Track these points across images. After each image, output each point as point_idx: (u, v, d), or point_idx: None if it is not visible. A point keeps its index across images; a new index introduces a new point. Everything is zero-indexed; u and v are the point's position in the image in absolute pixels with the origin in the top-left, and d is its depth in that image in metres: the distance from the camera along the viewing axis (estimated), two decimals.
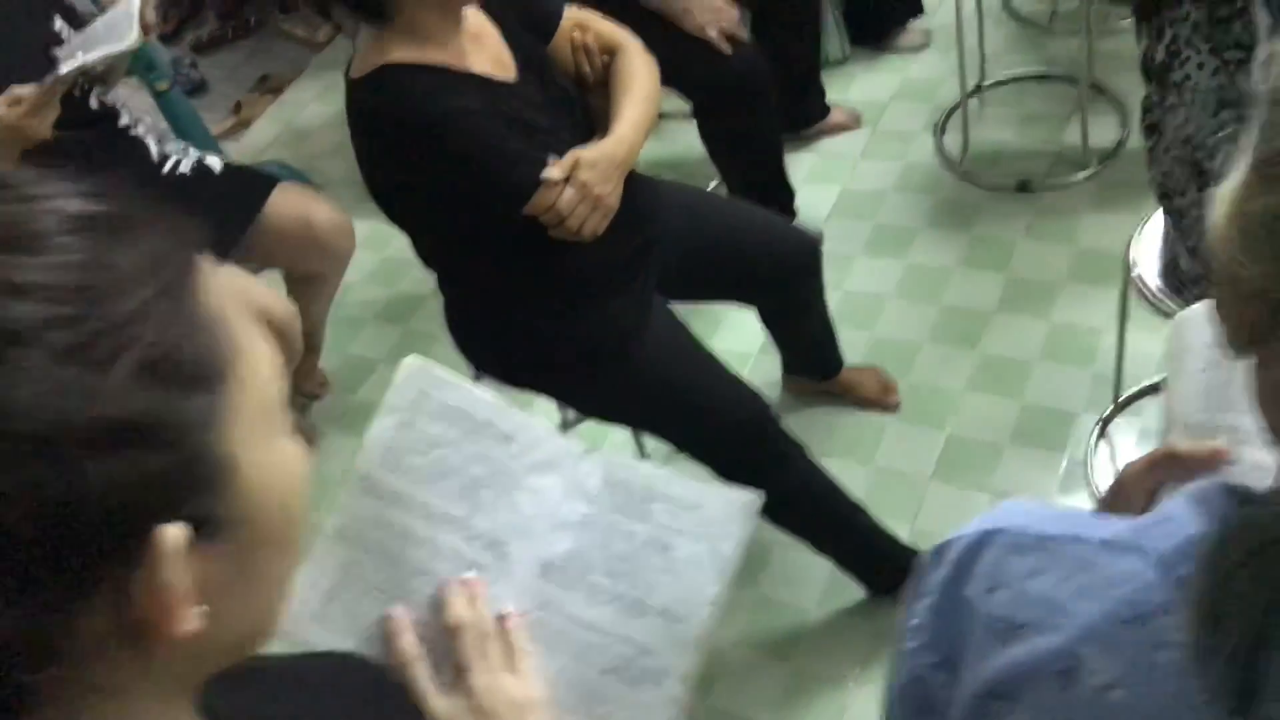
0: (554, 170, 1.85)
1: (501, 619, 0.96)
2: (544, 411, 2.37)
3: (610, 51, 2.09)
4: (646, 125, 2.01)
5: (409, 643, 0.95)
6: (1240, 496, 0.59)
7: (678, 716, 0.94)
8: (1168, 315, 1.93)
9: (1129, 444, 2.43)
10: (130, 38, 2.20)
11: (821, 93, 3.37)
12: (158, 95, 3.43)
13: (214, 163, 2.60)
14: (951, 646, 0.70)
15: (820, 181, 3.29)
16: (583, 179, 1.85)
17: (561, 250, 1.94)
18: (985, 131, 3.25)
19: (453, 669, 0.94)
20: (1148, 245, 2.03)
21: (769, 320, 2.52)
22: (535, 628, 0.97)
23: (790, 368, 2.74)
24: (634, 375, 2.08)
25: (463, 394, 1.02)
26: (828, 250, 3.05)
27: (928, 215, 3.10)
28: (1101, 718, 0.62)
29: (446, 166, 1.82)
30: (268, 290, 2.65)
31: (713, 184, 3.21)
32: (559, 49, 2.09)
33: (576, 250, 1.95)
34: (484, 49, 1.96)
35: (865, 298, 2.92)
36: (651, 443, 2.27)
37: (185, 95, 4.40)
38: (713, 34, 2.75)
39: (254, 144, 4.17)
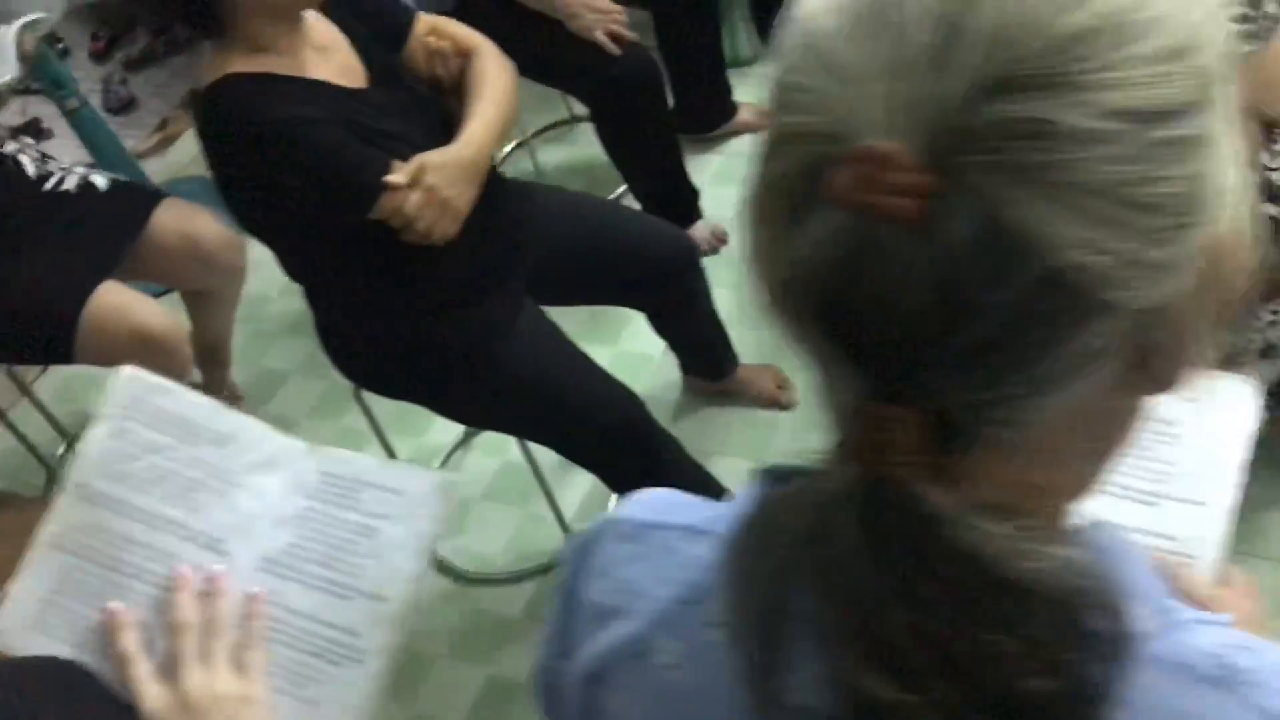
0: (397, 175, 1.85)
1: (248, 608, 1.00)
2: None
3: (465, 55, 2.09)
4: (499, 127, 2.01)
5: (129, 640, 0.98)
6: (775, 475, 0.60)
7: (377, 691, 0.98)
8: None
9: None
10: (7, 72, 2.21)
11: (728, 92, 3.37)
12: (69, 114, 3.42)
13: (99, 180, 2.60)
14: (569, 636, 0.71)
15: (726, 182, 3.28)
16: (429, 182, 1.86)
17: (426, 257, 1.94)
18: None
19: (170, 666, 0.96)
20: None
21: (655, 323, 2.53)
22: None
23: (687, 368, 2.74)
24: (504, 379, 2.09)
25: (177, 399, 1.04)
26: (731, 249, 3.07)
27: None
28: (668, 697, 0.65)
29: (290, 175, 1.82)
30: (148, 306, 2.66)
31: (620, 189, 3.21)
32: (414, 55, 2.09)
33: (442, 256, 1.95)
34: (330, 58, 1.97)
35: None
36: (544, 453, 2.27)
37: (113, 112, 4.43)
38: (599, 36, 2.75)
39: (178, 160, 4.17)
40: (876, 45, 0.50)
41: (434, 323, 2.04)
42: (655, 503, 0.72)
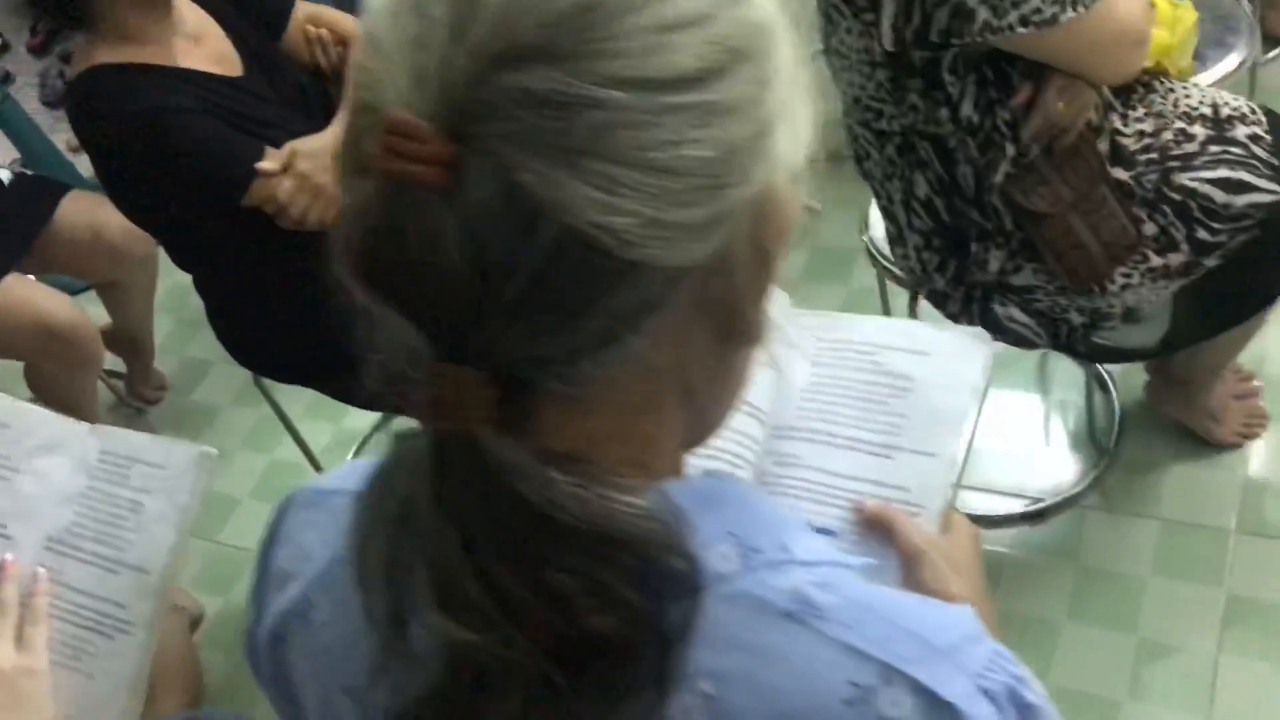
0: (268, 162, 1.87)
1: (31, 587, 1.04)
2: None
3: (344, 42, 2.10)
4: None
5: None
6: (402, 435, 0.62)
7: (146, 660, 1.01)
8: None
9: None
10: None
11: None
12: None
13: (2, 174, 2.62)
14: (259, 601, 0.74)
15: None
16: (301, 169, 1.88)
17: (307, 242, 1.96)
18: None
19: None
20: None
21: None
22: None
23: None
24: None
25: None
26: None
27: None
28: (324, 653, 0.68)
29: (161, 165, 1.84)
30: (53, 298, 2.68)
31: None
32: (294, 43, 2.11)
33: (323, 241, 1.96)
34: (203, 47, 1.98)
35: None
36: None
37: (50, 106, 4.41)
38: None
39: None
40: (405, 21, 0.53)
41: (318, 307, 2.05)
42: (345, 470, 0.75)
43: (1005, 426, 2.40)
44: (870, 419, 0.97)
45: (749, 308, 0.60)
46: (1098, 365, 2.37)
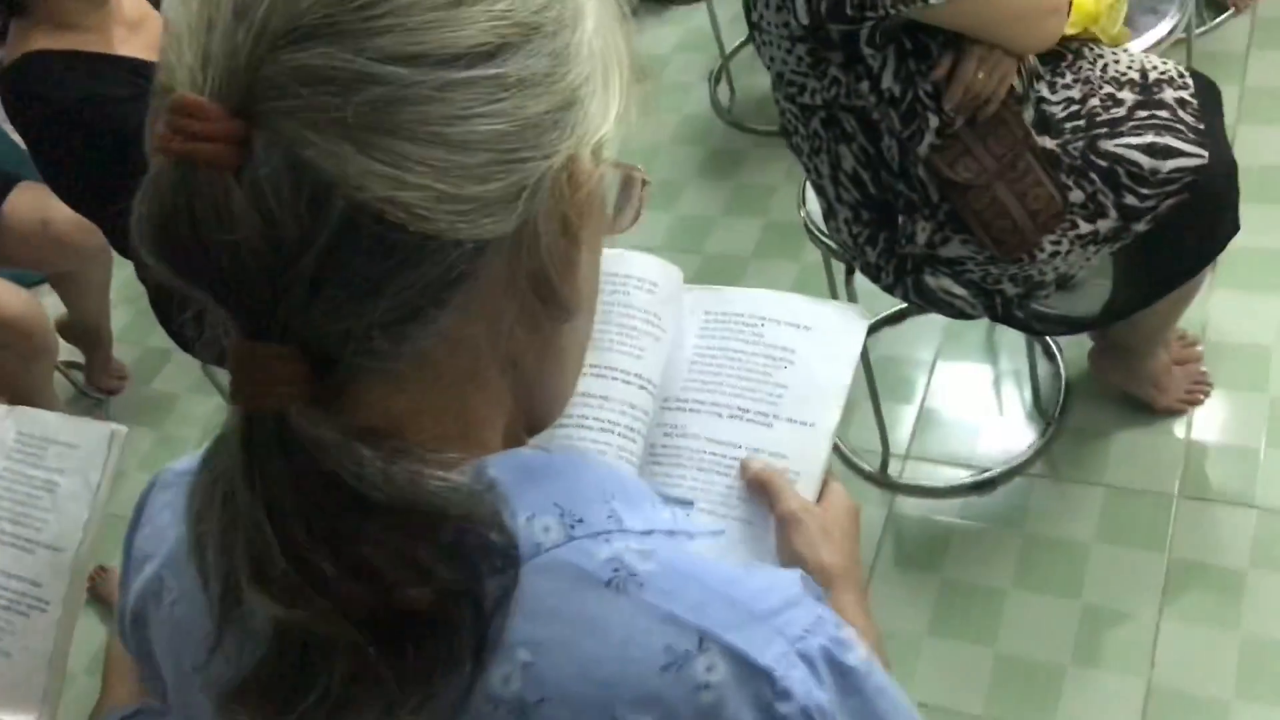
0: None
1: None
2: None
3: None
4: None
5: None
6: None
7: (66, 638, 1.02)
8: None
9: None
10: None
11: None
12: None
13: None
14: (125, 582, 0.75)
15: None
16: None
17: None
18: (759, 77, 3.27)
19: None
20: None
21: None
22: None
23: None
24: None
25: None
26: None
27: (698, 166, 3.13)
28: (173, 631, 0.69)
29: (94, 151, 1.83)
30: (3, 289, 2.67)
31: None
32: None
33: None
34: (141, 35, 1.97)
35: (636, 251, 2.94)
36: None
37: None
38: None
39: None
40: (194, 3, 0.54)
41: None
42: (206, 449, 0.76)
43: (952, 397, 2.41)
44: (753, 389, 0.99)
45: (561, 281, 0.60)
46: (1043, 336, 2.38)
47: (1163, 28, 2.10)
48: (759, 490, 0.93)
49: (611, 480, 0.65)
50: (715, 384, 1.00)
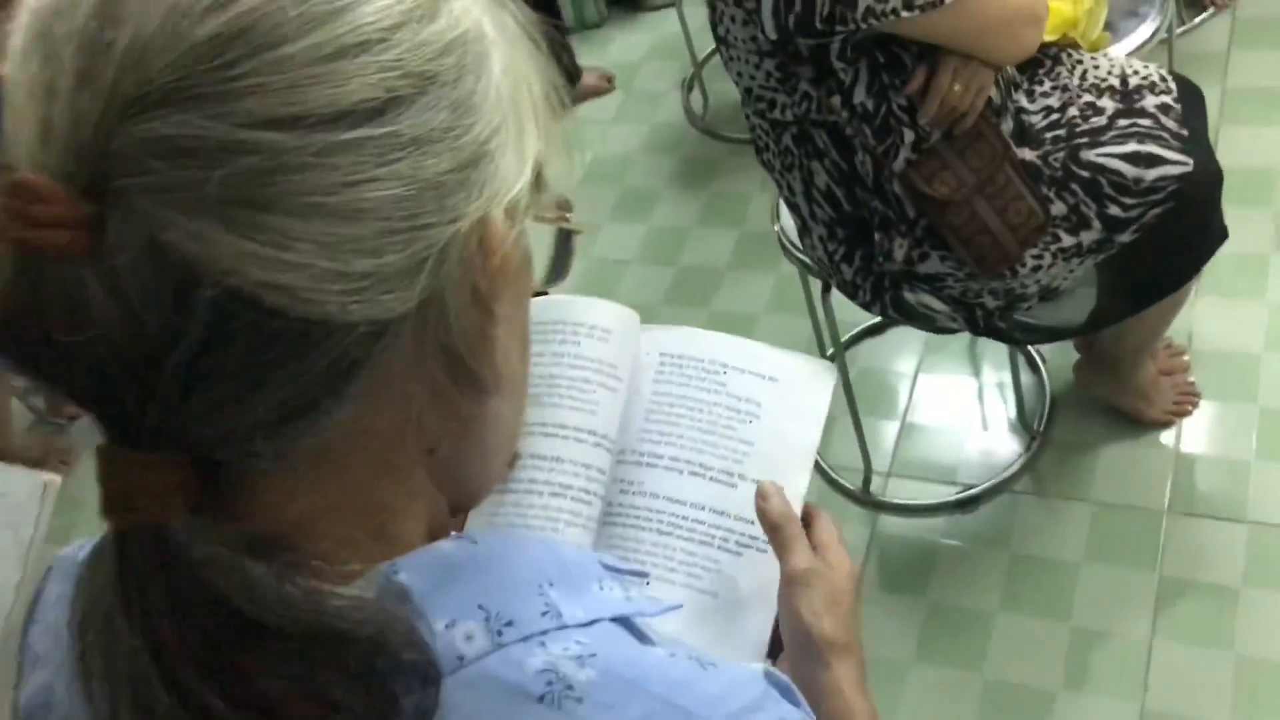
0: None
1: None
2: None
3: None
4: None
5: None
6: None
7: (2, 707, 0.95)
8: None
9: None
10: None
11: (571, 58, 3.31)
12: None
13: None
14: (20, 679, 0.68)
15: (572, 150, 3.22)
16: None
17: None
18: (732, 85, 3.20)
19: None
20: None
21: None
22: None
23: None
24: None
25: None
26: (576, 220, 3.02)
27: (671, 175, 3.06)
28: None
29: None
30: None
31: None
32: None
33: None
34: None
35: (609, 264, 2.88)
36: None
37: None
38: None
39: None
40: (34, 66, 0.47)
41: None
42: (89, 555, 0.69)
43: (935, 410, 2.35)
44: (715, 444, 0.92)
45: (476, 359, 0.53)
46: (1028, 347, 2.32)
47: (1144, 31, 2.04)
48: (769, 532, 0.85)
49: (549, 563, 0.58)
50: (674, 436, 0.93)
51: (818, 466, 2.27)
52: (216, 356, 0.46)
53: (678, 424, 0.93)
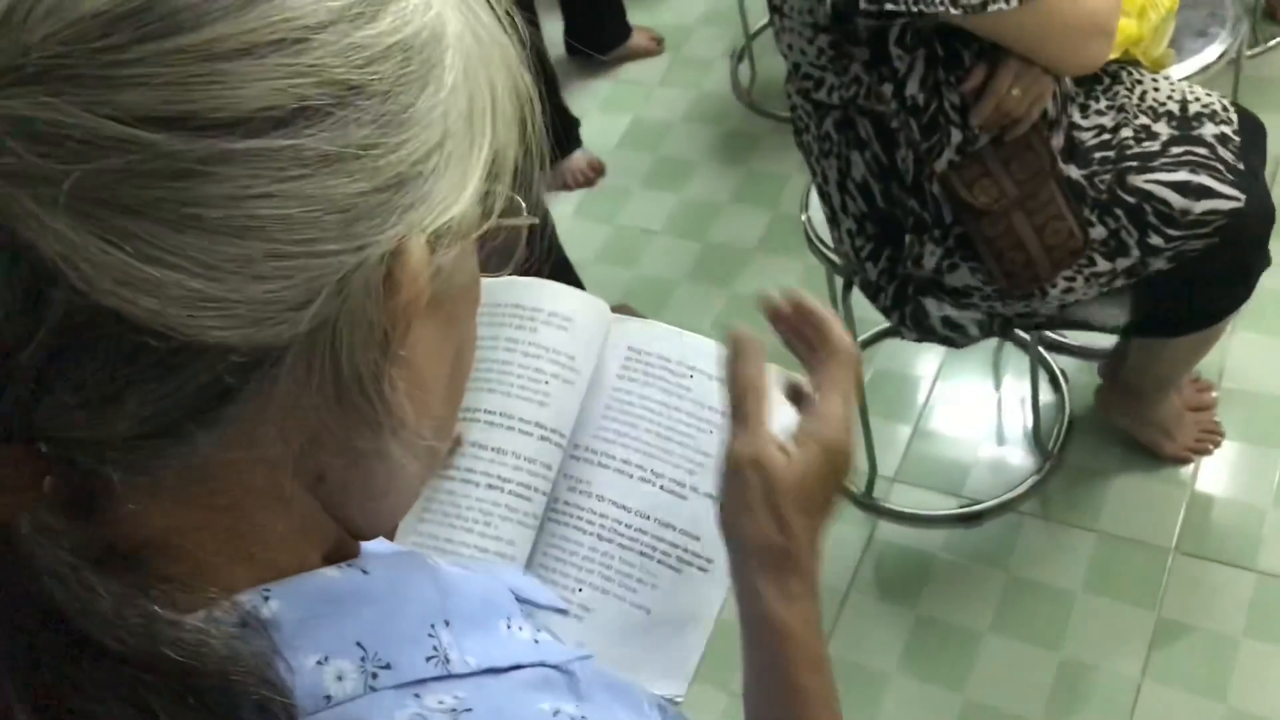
0: None
1: None
2: None
3: None
4: None
5: None
6: None
7: None
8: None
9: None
10: None
11: (621, 13, 3.24)
12: None
13: None
14: None
15: (614, 110, 3.17)
16: None
17: None
18: (782, 60, 3.12)
19: None
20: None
21: None
22: None
23: None
24: None
25: None
26: (608, 183, 2.97)
27: (710, 147, 2.99)
28: None
29: None
30: None
31: None
32: None
33: None
34: None
35: (634, 233, 2.82)
36: None
37: None
38: None
39: None
40: None
41: None
42: None
43: (949, 419, 2.29)
44: (670, 451, 0.88)
45: (372, 396, 0.47)
46: (1050, 362, 2.26)
47: (1210, 52, 1.96)
48: (733, 396, 0.74)
49: (450, 598, 0.52)
50: (629, 437, 0.88)
51: None
52: (69, 363, 0.42)
53: (635, 425, 0.88)
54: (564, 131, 2.98)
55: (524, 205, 0.52)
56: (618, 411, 0.89)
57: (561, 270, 2.43)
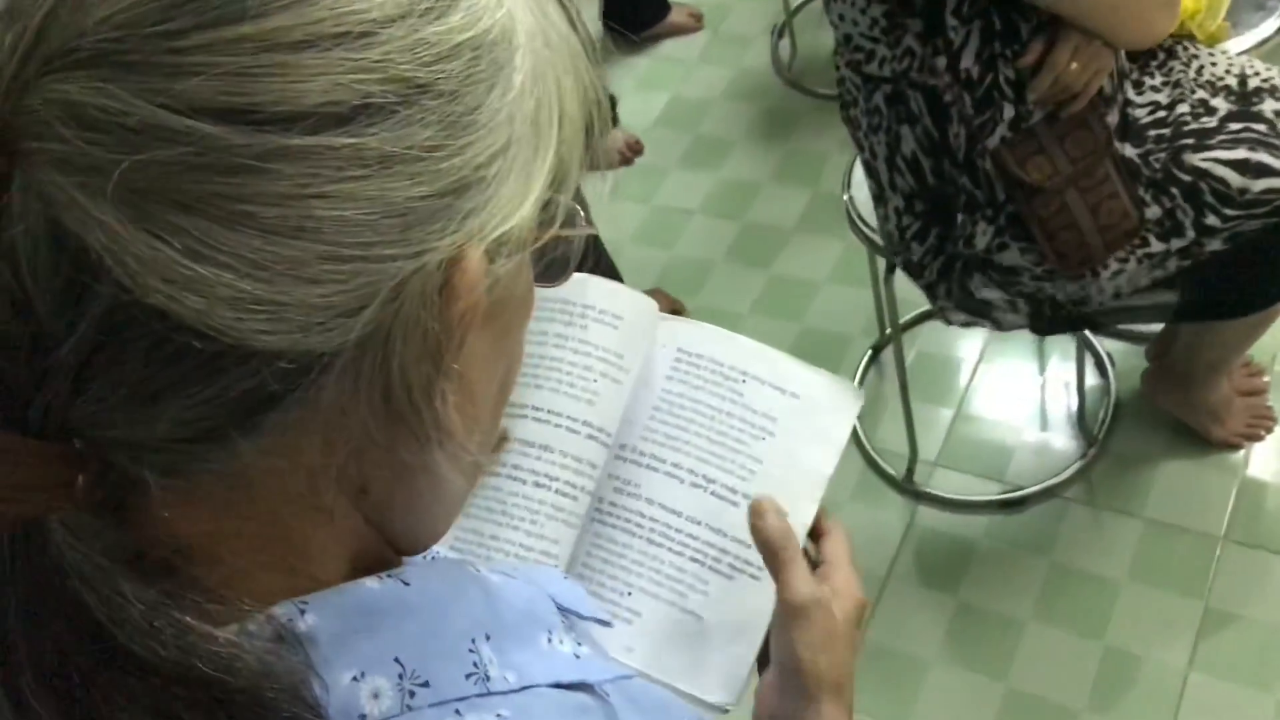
0: None
1: None
2: None
3: None
4: None
5: None
6: None
7: None
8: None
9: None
10: None
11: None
12: None
13: None
14: None
15: (651, 88, 3.13)
16: None
17: None
18: (824, 36, 3.08)
19: None
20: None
21: None
22: None
23: None
24: None
25: None
26: (644, 162, 2.94)
27: (749, 125, 2.96)
28: None
29: None
30: None
31: None
32: None
33: None
34: None
35: (671, 213, 2.79)
36: None
37: None
38: None
39: None
40: None
41: None
42: None
43: (992, 403, 2.26)
44: (723, 457, 0.86)
45: (422, 406, 0.45)
46: (1096, 345, 2.22)
47: (1268, 26, 1.91)
48: (764, 552, 0.78)
49: (491, 611, 0.50)
50: (680, 441, 0.86)
51: (860, 448, 2.19)
52: (110, 361, 0.40)
53: (686, 429, 0.86)
54: None
55: (584, 215, 0.50)
56: (667, 414, 0.87)
57: (603, 265, 2.41)
